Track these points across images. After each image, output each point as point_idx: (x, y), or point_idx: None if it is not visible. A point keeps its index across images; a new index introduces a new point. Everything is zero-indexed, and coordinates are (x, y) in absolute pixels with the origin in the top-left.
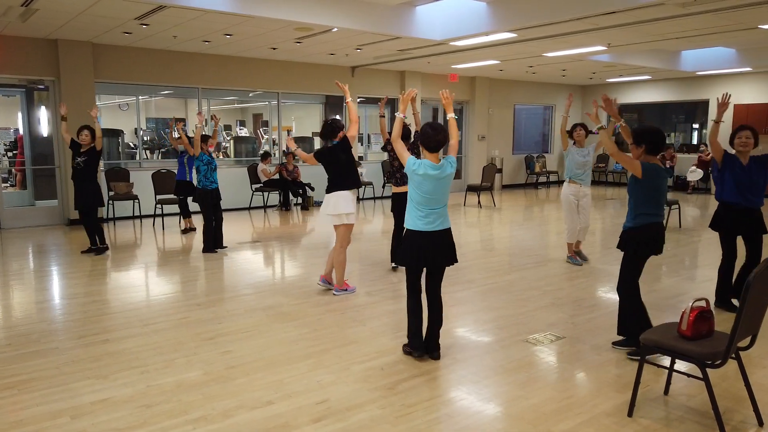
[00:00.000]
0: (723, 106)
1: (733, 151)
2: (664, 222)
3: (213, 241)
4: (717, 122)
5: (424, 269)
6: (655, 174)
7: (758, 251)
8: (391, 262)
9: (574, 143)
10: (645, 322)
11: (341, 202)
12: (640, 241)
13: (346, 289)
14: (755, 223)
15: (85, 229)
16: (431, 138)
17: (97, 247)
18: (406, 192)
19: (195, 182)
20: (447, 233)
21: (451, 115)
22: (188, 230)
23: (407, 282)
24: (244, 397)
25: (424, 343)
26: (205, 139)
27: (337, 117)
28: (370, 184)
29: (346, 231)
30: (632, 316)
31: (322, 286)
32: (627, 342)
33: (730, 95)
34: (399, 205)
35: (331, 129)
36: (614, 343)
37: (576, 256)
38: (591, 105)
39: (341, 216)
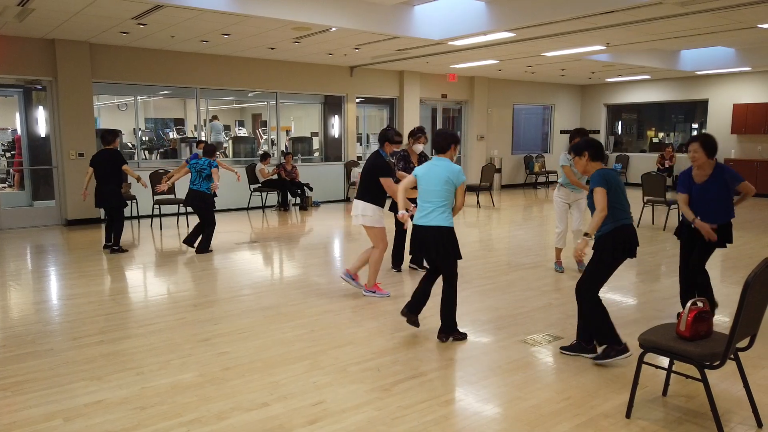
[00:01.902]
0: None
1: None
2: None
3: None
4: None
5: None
6: (607, 182)
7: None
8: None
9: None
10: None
11: (354, 205)
12: (614, 247)
13: (375, 291)
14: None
15: (120, 228)
16: (435, 142)
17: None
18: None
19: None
20: (436, 230)
21: None
22: None
23: None
24: (239, 399)
25: (410, 311)
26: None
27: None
28: None
29: (369, 233)
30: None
31: (344, 279)
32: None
33: None
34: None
35: (381, 136)
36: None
37: (561, 263)
38: (590, 105)
39: (356, 217)
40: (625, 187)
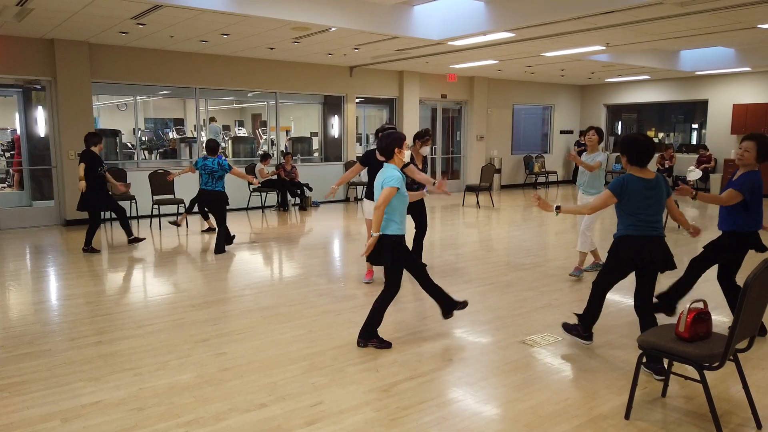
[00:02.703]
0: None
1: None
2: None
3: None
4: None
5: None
6: (620, 190)
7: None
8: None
9: (585, 150)
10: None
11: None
12: (616, 255)
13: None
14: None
15: (122, 225)
16: (378, 148)
17: (135, 236)
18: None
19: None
20: (379, 237)
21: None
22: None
23: None
24: (236, 400)
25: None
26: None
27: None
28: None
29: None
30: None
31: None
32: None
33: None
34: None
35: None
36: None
37: (579, 268)
38: (590, 105)
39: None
40: (664, 197)
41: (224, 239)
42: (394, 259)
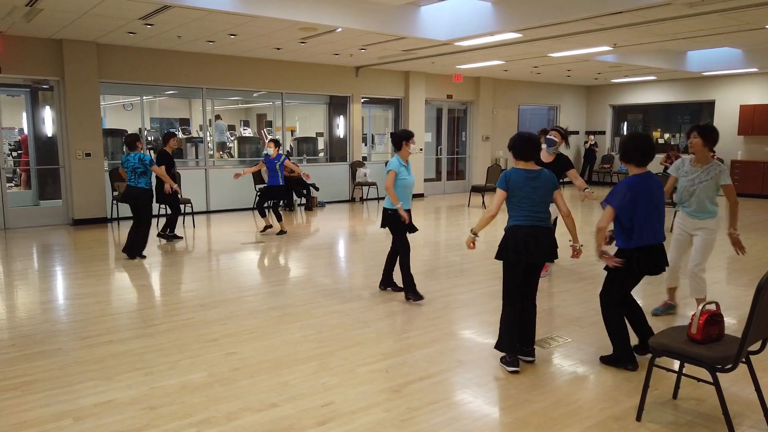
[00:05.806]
0: None
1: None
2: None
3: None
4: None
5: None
6: (506, 184)
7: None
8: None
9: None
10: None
11: None
12: (505, 247)
13: None
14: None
15: (169, 220)
16: (392, 141)
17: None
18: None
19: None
20: (383, 211)
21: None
22: (267, 228)
23: None
24: (248, 400)
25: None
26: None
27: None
28: (374, 184)
29: None
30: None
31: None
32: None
33: None
34: None
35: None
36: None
37: (668, 303)
38: (596, 106)
39: None
40: (545, 187)
41: (145, 243)
42: (392, 225)
